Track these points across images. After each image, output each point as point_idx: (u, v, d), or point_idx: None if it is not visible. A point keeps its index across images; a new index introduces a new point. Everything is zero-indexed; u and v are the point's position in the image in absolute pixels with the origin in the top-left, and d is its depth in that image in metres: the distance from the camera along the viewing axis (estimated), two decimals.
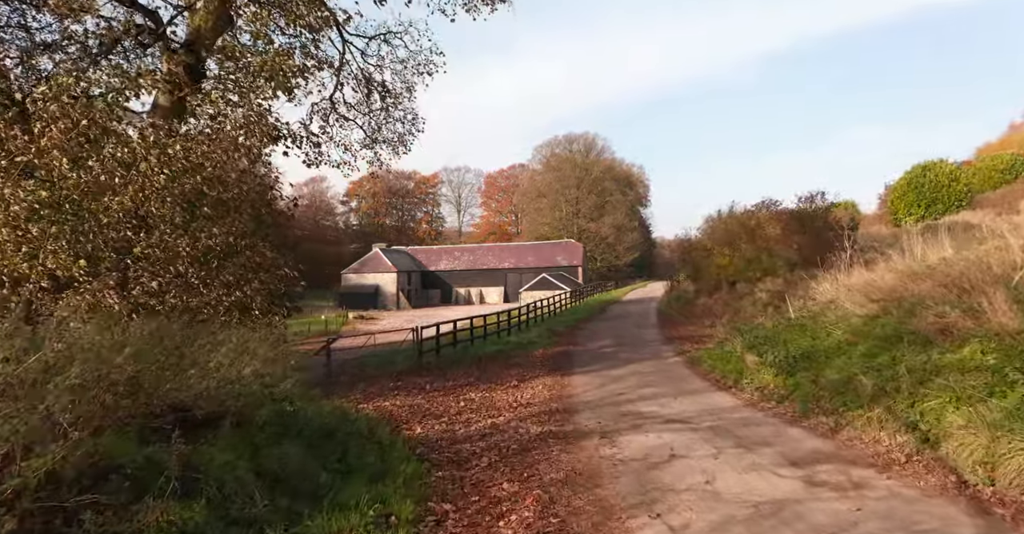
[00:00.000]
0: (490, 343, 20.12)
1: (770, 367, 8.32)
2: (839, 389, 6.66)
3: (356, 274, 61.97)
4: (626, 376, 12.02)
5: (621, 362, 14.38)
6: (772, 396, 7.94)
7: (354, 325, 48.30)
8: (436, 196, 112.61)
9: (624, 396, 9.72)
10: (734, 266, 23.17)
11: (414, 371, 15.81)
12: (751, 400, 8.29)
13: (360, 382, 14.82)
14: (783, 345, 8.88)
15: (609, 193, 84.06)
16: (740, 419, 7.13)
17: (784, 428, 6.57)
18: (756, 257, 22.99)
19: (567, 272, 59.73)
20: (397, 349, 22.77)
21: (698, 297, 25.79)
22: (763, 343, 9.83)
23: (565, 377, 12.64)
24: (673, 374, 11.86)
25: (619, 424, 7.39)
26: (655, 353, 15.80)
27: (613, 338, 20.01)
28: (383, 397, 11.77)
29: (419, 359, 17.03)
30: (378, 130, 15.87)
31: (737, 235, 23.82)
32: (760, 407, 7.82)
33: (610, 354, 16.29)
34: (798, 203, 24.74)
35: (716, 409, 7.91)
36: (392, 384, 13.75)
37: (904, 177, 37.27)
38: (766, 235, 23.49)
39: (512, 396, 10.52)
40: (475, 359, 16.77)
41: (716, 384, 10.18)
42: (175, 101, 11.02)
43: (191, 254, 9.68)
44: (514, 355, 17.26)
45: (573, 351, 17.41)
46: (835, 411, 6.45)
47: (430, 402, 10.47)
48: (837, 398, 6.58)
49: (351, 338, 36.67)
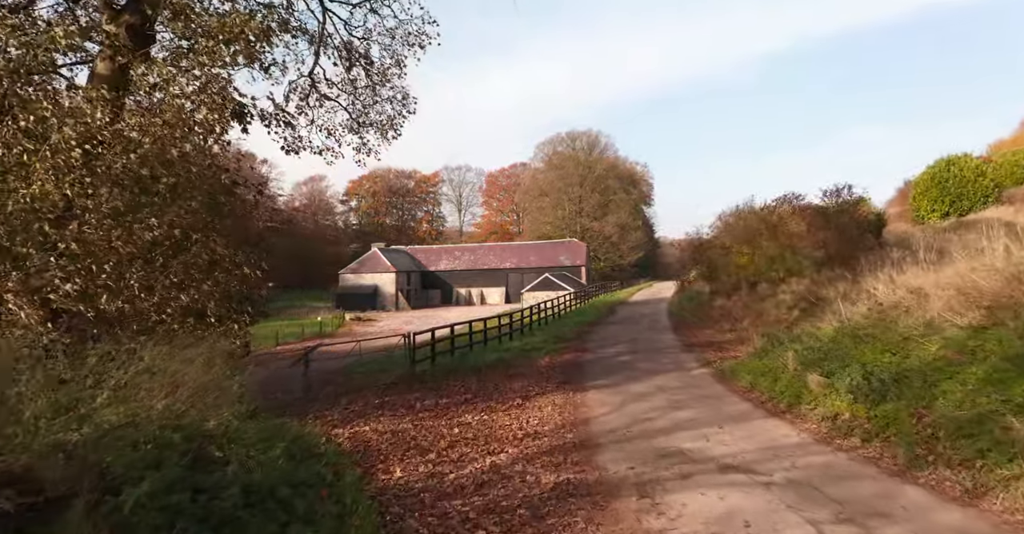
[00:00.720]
0: (490, 350, 18.36)
1: (845, 391, 6.57)
2: (966, 430, 4.92)
3: (354, 274, 60.25)
4: (650, 393, 10.25)
5: (640, 374, 12.61)
6: (851, 430, 6.18)
7: (351, 327, 46.59)
8: (437, 195, 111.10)
9: (654, 422, 7.96)
10: (755, 265, 21.37)
11: (406, 382, 14.07)
12: (821, 434, 6.54)
13: (343, 396, 13.08)
14: (855, 362, 7.11)
15: (613, 191, 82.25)
16: (822, 467, 5.37)
17: (893, 485, 4.79)
18: (779, 255, 21.20)
19: (570, 272, 57.95)
20: (391, 354, 21.02)
21: (714, 299, 24.00)
22: (824, 357, 8.07)
23: (577, 393, 10.87)
24: (706, 391, 10.08)
25: (659, 470, 5.63)
26: (677, 363, 14.02)
27: (626, 344, 18.23)
28: (365, 418, 10.01)
29: (412, 368, 15.29)
30: (364, 112, 14.14)
31: (757, 232, 22.02)
32: (838, 445, 6.06)
33: (626, 363, 14.51)
34: (822, 198, 22.95)
35: (781, 447, 6.15)
36: (378, 400, 12.00)
37: (927, 172, 35.39)
38: (789, 232, 21.69)
39: (516, 420, 8.76)
40: (474, 369, 15.01)
41: (763, 407, 8.41)
42: (116, 69, 9.28)
43: (128, 250, 7.95)
44: (517, 364, 15.50)
45: (583, 359, 15.64)
46: (966, 463, 4.70)
47: (418, 427, 8.71)
48: (965, 443, 4.84)
49: (347, 340, 34.96)
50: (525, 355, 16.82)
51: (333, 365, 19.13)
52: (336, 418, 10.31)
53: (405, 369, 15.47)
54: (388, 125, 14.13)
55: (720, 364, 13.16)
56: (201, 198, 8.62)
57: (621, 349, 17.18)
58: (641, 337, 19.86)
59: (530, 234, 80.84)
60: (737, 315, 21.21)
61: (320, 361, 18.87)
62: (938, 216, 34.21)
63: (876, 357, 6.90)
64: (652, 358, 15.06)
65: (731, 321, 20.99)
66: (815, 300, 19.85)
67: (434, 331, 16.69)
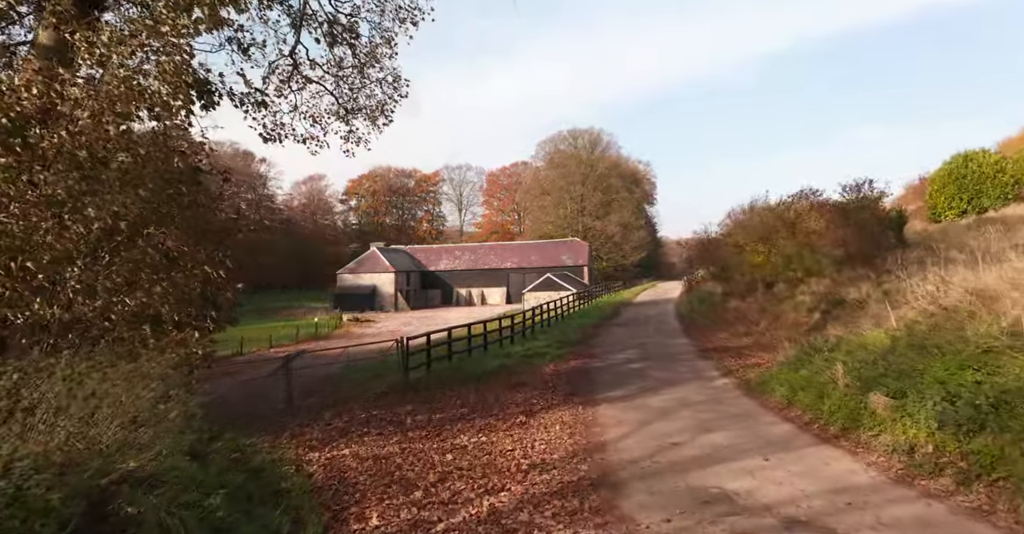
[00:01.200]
0: (491, 355, 17.13)
1: (923, 417, 5.34)
2: None
3: (352, 274, 59.07)
4: (672, 409, 9.01)
5: (656, 385, 11.37)
6: (938, 469, 4.94)
7: (348, 328, 45.39)
8: (437, 194, 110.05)
9: (683, 449, 6.73)
10: (771, 265, 20.14)
11: (398, 392, 12.85)
12: (896, 471, 5.30)
13: (329, 408, 11.85)
14: (928, 379, 5.86)
15: (615, 190, 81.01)
16: (919, 524, 4.13)
17: None
18: (797, 254, 19.96)
19: (572, 272, 56.72)
20: (386, 358, 19.75)
21: (728, 300, 22.75)
22: (883, 373, 6.83)
23: (588, 408, 9.64)
24: (735, 407, 8.85)
25: (705, 525, 4.36)
26: (695, 371, 12.78)
27: (636, 349, 16.99)
28: (347, 437, 8.78)
29: (405, 376, 14.05)
30: (353, 96, 12.92)
31: (773, 229, 20.78)
32: (926, 489, 4.80)
33: (638, 371, 13.28)
34: (841, 193, 21.70)
35: (851, 489, 4.90)
36: (365, 413, 10.77)
37: (943, 168, 34.06)
38: (807, 229, 20.46)
39: (519, 444, 7.52)
40: (472, 377, 13.79)
41: (809, 430, 7.18)
42: (61, 39, 8.08)
43: (64, 245, 6.74)
44: (519, 372, 14.27)
45: (591, 367, 14.40)
46: None
47: (405, 452, 7.48)
48: None
49: (339, 344, 33.73)
50: (528, 361, 15.59)
51: (323, 371, 17.93)
52: (316, 437, 9.08)
53: (398, 377, 14.25)
54: (378, 111, 12.90)
55: (743, 373, 11.93)
56: (153, 185, 7.40)
57: (631, 355, 15.94)
58: (651, 341, 18.63)
59: (531, 233, 79.62)
60: (753, 318, 19.99)
61: (312, 367, 17.67)
62: (955, 214, 32.90)
63: (955, 374, 5.68)
64: (666, 365, 13.82)
65: (747, 324, 19.76)
66: (837, 301, 18.62)
67: (429, 336, 15.46)
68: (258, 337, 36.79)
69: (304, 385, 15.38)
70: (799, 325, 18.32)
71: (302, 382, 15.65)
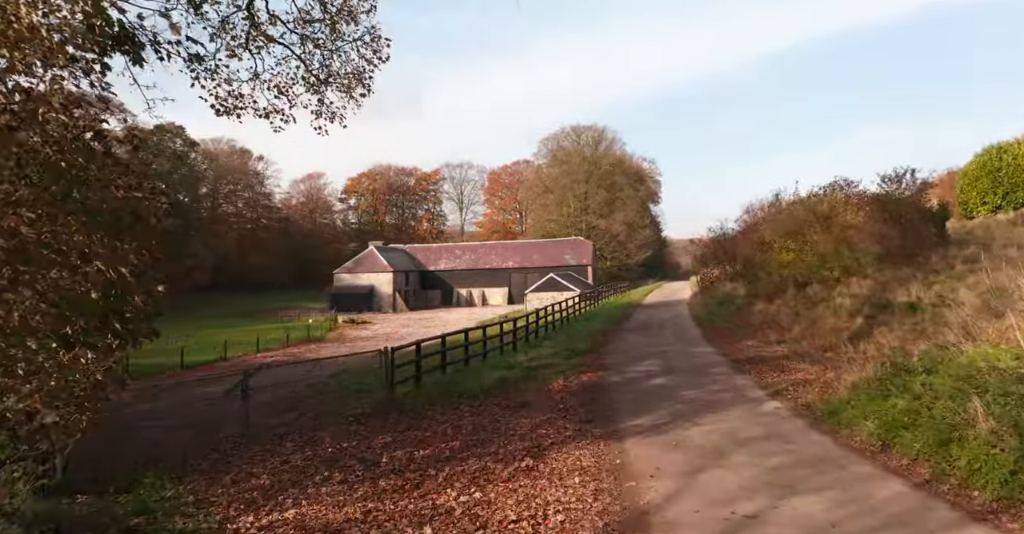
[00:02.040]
0: (490, 366, 15.05)
1: None
2: None
3: (350, 274, 57.03)
4: (723, 449, 6.92)
5: (691, 409, 9.27)
6: None
7: (343, 330, 43.34)
8: (437, 193, 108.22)
9: (767, 529, 4.63)
10: (805, 263, 18.01)
11: (380, 414, 10.80)
12: None
13: (292, 436, 9.78)
14: None
15: (619, 188, 78.89)
16: None
17: None
18: (833, 251, 17.84)
19: (576, 272, 54.67)
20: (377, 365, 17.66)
21: (753, 302, 20.61)
22: None
23: (612, 444, 7.55)
24: (808, 447, 6.76)
25: None
26: (733, 390, 10.67)
27: (657, 359, 14.88)
28: (299, 489, 6.69)
29: (391, 392, 11.97)
30: (325, 62, 10.84)
31: (805, 224, 18.65)
32: None
33: (664, 389, 11.18)
34: (879, 184, 19.59)
35: None
36: (334, 446, 8.70)
37: (975, 161, 31.88)
38: (844, 223, 18.33)
39: (525, 508, 5.43)
40: (468, 393, 11.72)
41: (937, 494, 5.09)
42: None
43: None
44: (523, 388, 12.20)
45: (607, 382, 12.31)
46: None
47: (369, 519, 5.40)
48: None
49: (334, 346, 31.69)
50: (532, 374, 13.50)
51: (303, 382, 15.87)
52: (262, 484, 7.00)
53: (383, 392, 12.17)
54: (354, 78, 10.79)
55: (795, 394, 9.81)
56: (19, 152, 5.34)
57: (652, 367, 13.84)
58: (672, 350, 16.50)
59: (534, 232, 77.53)
60: (784, 322, 17.87)
61: (286, 383, 15.61)
62: (988, 209, 30.74)
63: None
64: (696, 381, 11.72)
65: (777, 330, 17.64)
66: (882, 305, 16.49)
67: (419, 345, 13.37)
68: (247, 340, 34.80)
69: (277, 401, 13.35)
70: (839, 331, 16.21)
71: (276, 397, 13.62)
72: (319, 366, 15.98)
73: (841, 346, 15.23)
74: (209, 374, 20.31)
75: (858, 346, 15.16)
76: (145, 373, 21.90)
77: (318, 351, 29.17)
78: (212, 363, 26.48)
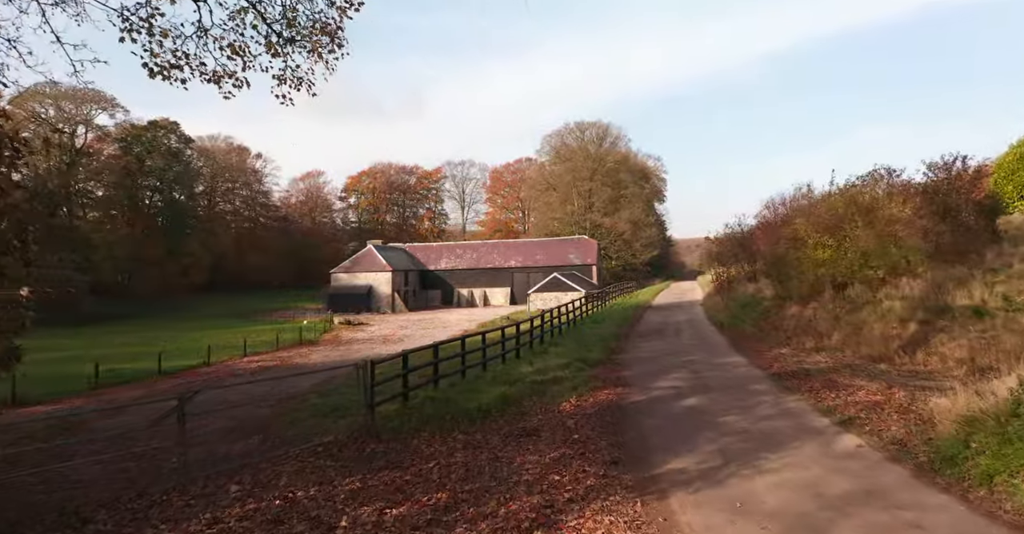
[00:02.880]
0: (489, 379, 13.06)
1: None
2: None
3: (347, 273, 55.08)
4: (818, 520, 4.92)
5: (745, 443, 7.27)
6: None
7: (338, 332, 41.31)
8: (439, 192, 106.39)
9: None
10: (846, 261, 15.94)
11: (354, 445, 8.87)
12: None
13: (238, 477, 7.79)
14: None
15: (624, 185, 76.84)
16: None
17: None
18: (878, 248, 15.78)
19: (580, 271, 52.61)
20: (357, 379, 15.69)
21: (783, 305, 18.54)
22: None
23: (652, 503, 5.56)
24: (938, 518, 4.78)
25: None
26: (788, 417, 8.64)
27: (683, 372, 12.86)
28: None
29: (369, 416, 9.95)
30: (285, 13, 8.89)
31: (845, 218, 16.58)
32: None
33: (701, 413, 9.16)
34: (926, 173, 17.50)
35: None
36: (284, 498, 6.69)
37: (1012, 152, 29.64)
38: (888, 217, 16.27)
39: None
40: (463, 416, 9.74)
41: None
42: None
43: None
44: (528, 408, 10.22)
45: (629, 403, 10.30)
46: None
47: None
48: None
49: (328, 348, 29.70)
50: (539, 391, 11.51)
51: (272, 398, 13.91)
52: None
53: (361, 415, 10.16)
54: (323, 32, 8.82)
55: (874, 425, 7.78)
56: None
57: (679, 382, 11.81)
58: (698, 360, 14.48)
59: (537, 231, 75.50)
60: (822, 328, 15.82)
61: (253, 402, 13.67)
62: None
63: None
64: (739, 402, 9.70)
65: (815, 336, 15.60)
66: (940, 309, 14.43)
67: (406, 357, 11.37)
68: (237, 343, 32.88)
69: (238, 426, 11.38)
70: (888, 339, 14.17)
71: (238, 420, 11.65)
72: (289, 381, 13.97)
73: (895, 357, 13.22)
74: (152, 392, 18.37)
75: (914, 356, 13.17)
76: (110, 384, 19.99)
77: (308, 355, 27.23)
78: (195, 368, 24.54)
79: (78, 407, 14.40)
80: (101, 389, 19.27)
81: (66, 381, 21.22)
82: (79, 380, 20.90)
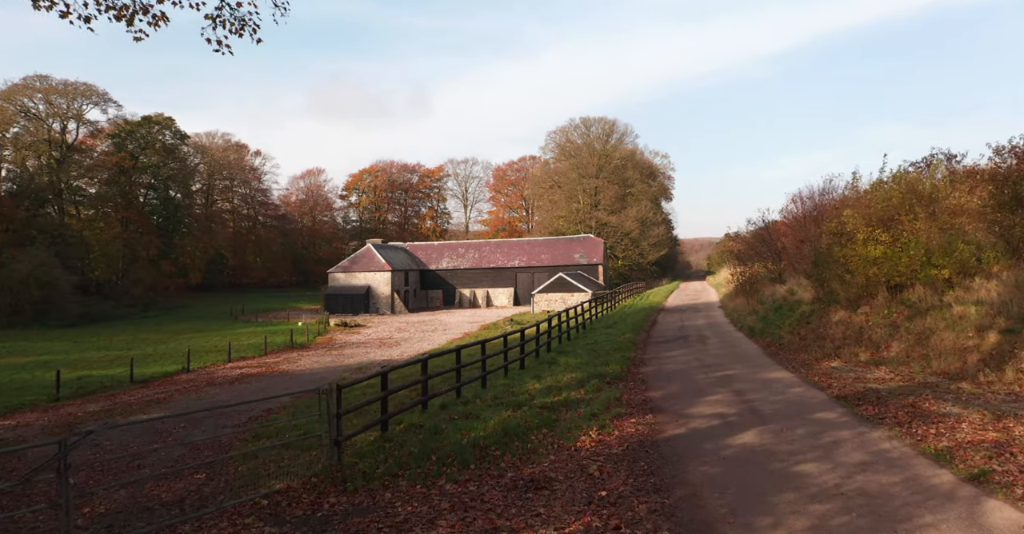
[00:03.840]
0: (489, 399, 10.87)
1: None
2: None
3: (345, 273, 53.00)
4: None
5: (847, 514, 5.07)
6: None
7: (333, 335, 39.09)
8: (441, 190, 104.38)
9: None
10: (907, 259, 13.64)
11: (312, 495, 6.68)
12: None
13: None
14: None
15: (631, 183, 74.53)
16: None
17: None
18: (944, 245, 13.50)
19: (586, 271, 50.41)
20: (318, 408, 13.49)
21: (827, 310, 16.24)
22: None
23: None
24: None
25: None
26: (890, 467, 6.41)
27: (725, 393, 10.62)
28: None
29: (335, 455, 7.74)
30: None
31: (902, 209, 14.30)
32: None
33: (767, 457, 6.93)
34: (992, 158, 15.15)
35: None
36: None
37: None
38: (954, 208, 13.97)
39: None
40: (454, 453, 7.57)
41: None
42: None
43: None
44: (537, 444, 8.02)
45: (666, 438, 8.07)
46: None
47: None
48: None
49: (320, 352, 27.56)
50: (549, 417, 9.30)
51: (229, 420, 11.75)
52: None
53: (325, 454, 7.92)
54: None
55: (1014, 477, 5.56)
56: None
57: (723, 407, 9.56)
58: (737, 376, 12.23)
59: (541, 230, 73.30)
60: (877, 337, 13.55)
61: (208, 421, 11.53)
62: None
63: None
64: (814, 442, 7.46)
65: (869, 347, 13.34)
66: None
67: (386, 377, 9.15)
68: (214, 348, 30.81)
69: (188, 451, 9.22)
70: (963, 351, 11.90)
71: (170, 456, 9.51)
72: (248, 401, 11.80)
73: (978, 374, 10.99)
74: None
75: (1003, 374, 10.92)
76: (75, 395, 17.91)
77: (297, 360, 25.12)
78: (172, 375, 22.44)
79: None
80: (64, 401, 17.21)
81: (25, 391, 19.21)
82: (42, 389, 18.91)
